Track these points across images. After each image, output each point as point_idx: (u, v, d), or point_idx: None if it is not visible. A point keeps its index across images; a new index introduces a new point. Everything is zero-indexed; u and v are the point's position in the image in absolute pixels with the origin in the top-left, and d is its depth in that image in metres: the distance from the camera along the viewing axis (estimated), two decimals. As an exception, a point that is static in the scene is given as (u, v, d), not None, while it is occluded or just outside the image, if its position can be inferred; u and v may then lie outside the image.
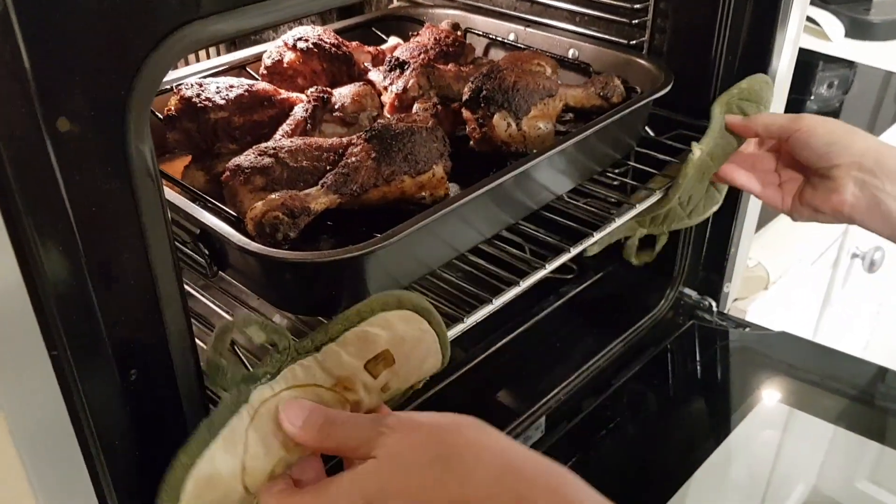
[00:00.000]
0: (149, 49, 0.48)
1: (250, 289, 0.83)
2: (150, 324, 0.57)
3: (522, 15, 1.25)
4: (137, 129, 0.50)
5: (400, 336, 0.68)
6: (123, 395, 0.57)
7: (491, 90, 0.93)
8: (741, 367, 1.17)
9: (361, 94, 0.97)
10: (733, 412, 1.08)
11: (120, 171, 0.50)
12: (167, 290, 0.57)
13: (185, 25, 0.49)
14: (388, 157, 0.84)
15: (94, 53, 0.46)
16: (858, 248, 1.70)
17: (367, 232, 0.86)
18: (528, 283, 0.84)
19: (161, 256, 0.55)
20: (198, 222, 0.77)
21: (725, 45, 1.05)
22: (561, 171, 0.93)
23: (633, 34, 1.15)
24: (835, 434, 1.08)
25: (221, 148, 0.92)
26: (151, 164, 0.52)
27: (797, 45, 1.07)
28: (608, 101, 1.04)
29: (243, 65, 1.12)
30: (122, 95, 0.48)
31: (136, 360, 0.57)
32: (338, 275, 0.74)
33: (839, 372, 1.14)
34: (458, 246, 0.86)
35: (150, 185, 0.52)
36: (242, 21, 0.52)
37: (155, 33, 0.49)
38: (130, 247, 0.53)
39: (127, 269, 0.53)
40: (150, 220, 0.53)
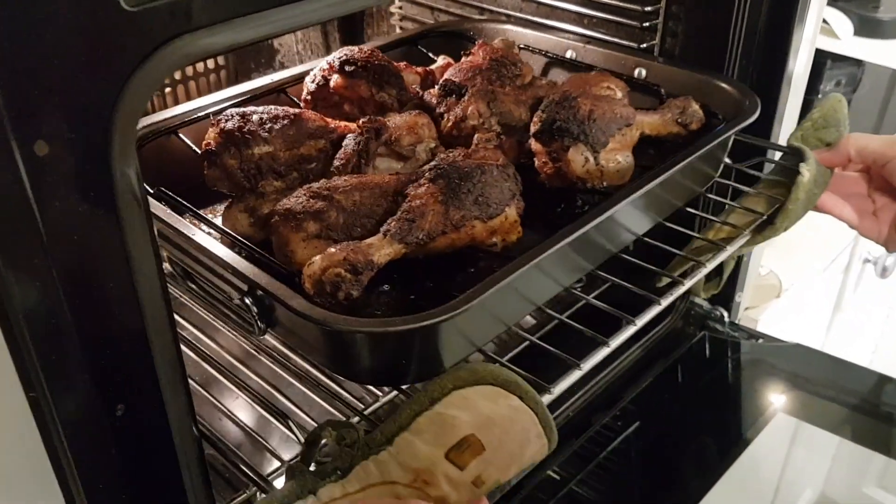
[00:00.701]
0: (135, 65, 0.45)
1: (304, 352, 0.74)
2: (138, 357, 0.53)
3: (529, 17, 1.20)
4: (122, 150, 0.46)
5: (486, 417, 0.59)
6: (109, 432, 0.53)
7: (565, 120, 0.83)
8: (754, 380, 1.14)
9: (418, 125, 0.87)
10: (747, 428, 1.05)
11: (103, 197, 0.47)
12: (156, 321, 0.53)
13: (174, 39, 0.46)
14: (456, 200, 0.75)
15: (75, 70, 0.43)
16: (871, 253, 1.67)
17: (422, 279, 0.76)
18: (617, 341, 0.75)
19: (149, 286, 0.51)
20: (246, 279, 0.68)
21: (741, 47, 1.00)
22: (646, 209, 0.83)
23: (644, 37, 1.10)
24: (843, 445, 1.06)
25: (266, 186, 0.82)
26: (138, 187, 0.48)
27: (814, 44, 1.02)
28: (686, 128, 0.94)
29: (282, 88, 1.02)
30: (106, 115, 0.45)
31: (123, 394, 0.53)
32: (409, 342, 0.65)
33: (852, 385, 1.12)
34: (535, 299, 0.76)
35: (137, 211, 0.49)
36: (234, 34, 0.49)
37: (141, 48, 0.45)
38: (115, 277, 0.49)
39: (111, 300, 0.50)
40: (136, 247, 0.50)
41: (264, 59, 1.41)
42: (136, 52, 0.45)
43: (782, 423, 1.06)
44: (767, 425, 1.05)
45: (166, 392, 0.56)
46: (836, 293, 1.69)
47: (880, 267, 1.67)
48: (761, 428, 1.04)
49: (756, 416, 1.06)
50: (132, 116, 0.46)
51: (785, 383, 1.12)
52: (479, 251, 0.79)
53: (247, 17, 0.49)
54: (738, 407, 1.11)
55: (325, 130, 0.86)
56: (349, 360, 0.67)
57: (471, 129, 0.91)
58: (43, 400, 0.49)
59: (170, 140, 0.92)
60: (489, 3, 1.26)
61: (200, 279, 0.76)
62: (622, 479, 1.00)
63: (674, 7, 1.05)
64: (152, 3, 0.44)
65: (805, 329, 1.57)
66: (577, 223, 0.73)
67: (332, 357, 0.68)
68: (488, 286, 0.65)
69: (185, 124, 0.93)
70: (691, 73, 1.01)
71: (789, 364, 1.14)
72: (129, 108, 0.46)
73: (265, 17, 0.50)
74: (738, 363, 1.17)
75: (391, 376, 0.69)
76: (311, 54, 1.48)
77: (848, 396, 1.10)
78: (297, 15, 0.52)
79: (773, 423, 1.05)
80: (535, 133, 0.85)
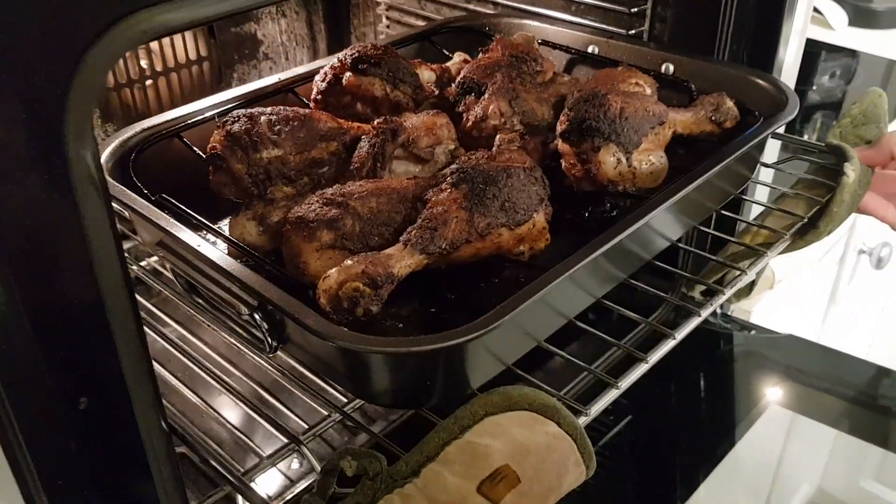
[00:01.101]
0: (89, 42, 0.43)
1: (319, 370, 0.68)
2: (100, 348, 0.51)
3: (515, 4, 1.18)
4: (78, 131, 0.44)
5: (521, 445, 0.54)
6: (71, 426, 0.51)
7: (595, 119, 0.78)
8: (747, 372, 1.13)
9: (437, 125, 0.82)
10: (740, 420, 1.05)
11: (58, 181, 0.44)
12: (118, 310, 0.50)
13: (130, 15, 0.44)
14: (481, 206, 0.69)
15: (26, 48, 0.41)
16: (866, 244, 1.66)
17: (444, 290, 0.71)
18: (656, 357, 0.69)
19: (110, 274, 0.49)
20: (257, 294, 0.62)
21: (730, 34, 0.98)
22: (681, 214, 0.78)
23: (633, 23, 1.08)
24: (839, 438, 1.05)
25: (275, 192, 0.77)
26: (95, 171, 0.46)
27: (805, 34, 1.00)
28: (720, 127, 0.89)
29: (290, 87, 0.97)
30: (60, 94, 0.42)
31: (86, 387, 0.51)
32: (436, 362, 0.60)
33: (848, 377, 1.11)
34: (567, 312, 0.71)
35: (95, 196, 0.46)
36: (195, 10, 0.47)
37: (96, 24, 0.43)
38: (73, 265, 0.47)
39: (70, 289, 0.48)
40: (96, 234, 0.47)
41: (248, 49, 1.37)
42: (90, 29, 0.43)
43: (776, 415, 1.06)
44: (760, 417, 1.04)
45: (131, 384, 0.54)
46: (831, 285, 1.68)
47: (875, 258, 1.67)
48: (754, 420, 1.04)
49: (749, 408, 1.06)
50: (88, 96, 0.44)
51: (778, 375, 1.11)
52: (504, 259, 0.73)
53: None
54: (731, 399, 1.10)
55: (337, 132, 0.81)
56: (368, 382, 0.62)
57: (492, 129, 0.86)
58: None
59: (172, 143, 0.87)
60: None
61: (207, 293, 0.71)
62: (615, 473, 0.98)
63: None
64: None
65: (800, 321, 1.57)
66: (611, 231, 0.67)
67: (350, 378, 0.63)
68: (520, 301, 0.60)
69: (187, 127, 0.87)
70: (722, 69, 0.95)
71: (782, 356, 1.14)
72: (85, 88, 0.43)
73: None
74: (731, 355, 1.16)
75: (414, 398, 0.63)
76: (295, 45, 1.44)
77: (843, 388, 1.10)
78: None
79: (767, 416, 1.05)
80: (562, 133, 0.80)
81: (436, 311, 0.71)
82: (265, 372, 0.94)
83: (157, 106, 1.25)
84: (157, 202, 0.75)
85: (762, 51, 0.98)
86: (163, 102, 1.25)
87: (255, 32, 1.35)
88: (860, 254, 1.67)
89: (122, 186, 0.75)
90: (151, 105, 1.24)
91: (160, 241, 0.72)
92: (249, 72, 1.38)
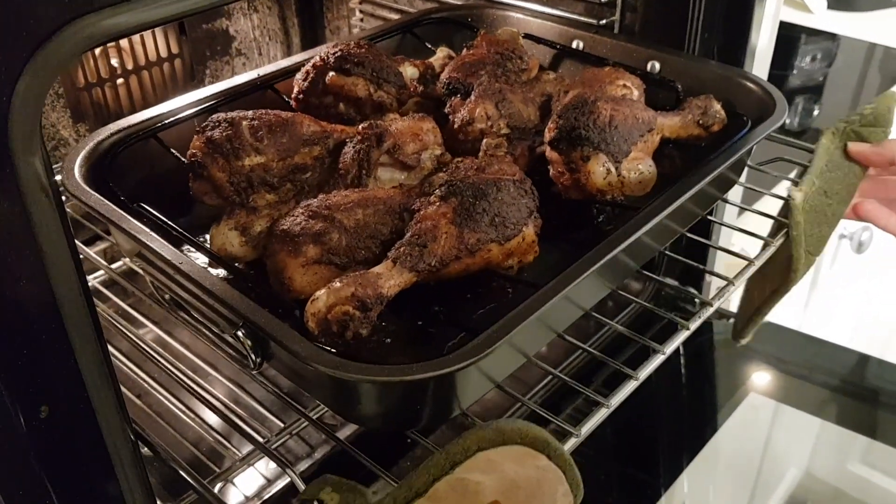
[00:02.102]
0: (33, 48, 0.42)
1: (304, 389, 0.67)
2: (58, 355, 0.51)
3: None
4: (25, 140, 0.44)
5: (511, 480, 0.53)
6: (30, 434, 0.51)
7: (584, 128, 0.77)
8: (726, 360, 1.15)
9: (422, 130, 0.80)
10: (721, 407, 1.06)
11: (7, 190, 0.44)
12: (74, 317, 0.50)
13: (75, 20, 0.43)
14: (471, 222, 0.68)
15: None
16: (846, 228, 1.65)
17: (430, 302, 0.70)
18: (646, 372, 0.69)
19: (65, 281, 0.49)
20: (242, 316, 0.61)
21: (701, 21, 0.98)
22: (671, 223, 0.77)
23: (603, 13, 1.07)
24: (823, 426, 1.07)
25: (257, 200, 0.75)
26: (46, 178, 0.46)
27: (777, 18, 1.00)
28: (707, 130, 0.88)
29: (269, 83, 0.94)
30: (5, 102, 0.42)
31: (46, 395, 0.51)
32: (426, 388, 0.59)
33: (826, 362, 1.13)
34: (557, 327, 0.70)
35: (47, 203, 0.46)
36: (142, 13, 0.46)
37: (39, 30, 0.42)
38: (27, 273, 0.47)
39: (24, 298, 0.48)
40: (48, 241, 0.47)
41: (220, 46, 1.35)
42: (33, 35, 0.42)
43: (756, 402, 1.07)
44: (740, 405, 1.06)
45: (92, 391, 0.54)
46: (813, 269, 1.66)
47: (856, 242, 1.67)
48: (734, 408, 1.05)
49: (728, 396, 1.07)
50: (33, 104, 0.43)
51: (756, 363, 1.13)
52: (492, 272, 0.72)
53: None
54: (711, 387, 1.11)
55: (320, 136, 0.79)
56: (357, 407, 0.61)
57: (478, 133, 0.84)
58: None
59: (149, 145, 0.84)
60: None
61: (189, 307, 0.69)
62: (596, 462, 0.99)
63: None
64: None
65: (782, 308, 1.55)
66: (603, 246, 0.66)
67: (338, 402, 0.62)
68: (513, 324, 0.59)
69: (164, 127, 0.85)
70: (709, 69, 0.94)
71: (761, 344, 1.14)
72: (30, 94, 0.43)
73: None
74: (710, 343, 1.17)
75: (403, 422, 0.63)
76: (268, 40, 1.42)
77: (825, 376, 1.11)
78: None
79: (746, 403, 1.07)
80: (551, 141, 0.78)
81: (423, 324, 0.69)
82: (241, 373, 0.94)
83: (130, 104, 1.22)
84: (136, 211, 0.73)
85: (734, 36, 0.98)
86: (135, 101, 1.23)
87: (227, 28, 1.33)
88: (841, 238, 1.67)
89: (97, 195, 0.73)
90: (124, 104, 1.21)
91: (139, 253, 0.70)
92: (222, 68, 1.35)
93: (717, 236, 1.08)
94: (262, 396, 0.94)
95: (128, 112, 1.20)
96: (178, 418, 0.93)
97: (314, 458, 0.93)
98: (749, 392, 1.09)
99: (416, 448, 0.93)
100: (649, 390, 1.06)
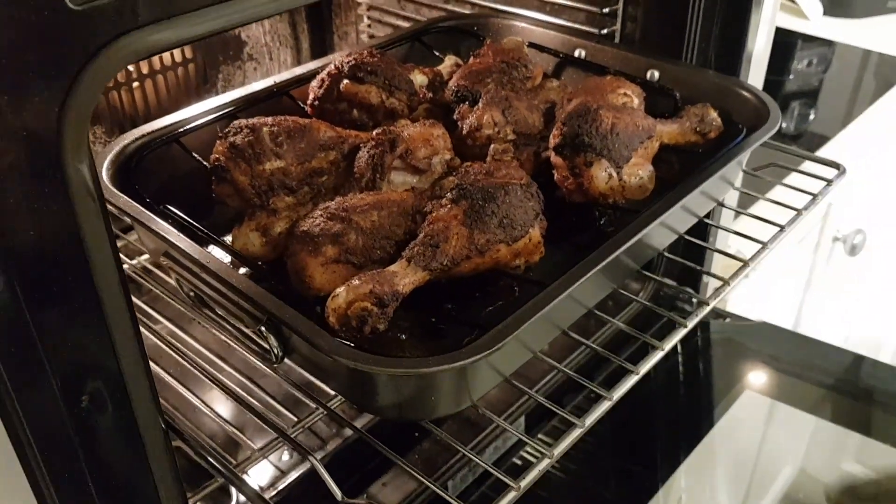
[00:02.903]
0: (83, 63, 0.45)
1: (322, 380, 0.71)
2: (99, 348, 0.54)
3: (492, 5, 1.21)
4: (74, 147, 0.46)
5: None
6: (72, 422, 0.54)
7: (587, 135, 0.81)
8: (723, 358, 1.18)
9: (433, 136, 0.84)
10: (717, 404, 1.09)
11: (58, 193, 0.47)
12: (115, 312, 0.53)
13: (121, 36, 0.46)
14: (481, 223, 0.72)
15: (24, 70, 0.43)
16: (840, 231, 1.68)
17: (442, 300, 0.74)
18: (646, 367, 0.73)
19: (107, 277, 0.52)
20: (267, 311, 0.65)
21: (699, 30, 1.02)
22: (671, 226, 0.81)
23: (604, 23, 1.12)
24: (818, 424, 1.09)
25: (277, 202, 0.79)
26: (92, 183, 0.48)
27: (773, 24, 1.03)
28: (704, 137, 0.92)
29: (285, 90, 0.98)
30: (56, 113, 0.45)
31: (86, 385, 0.54)
32: (442, 380, 0.63)
33: (821, 362, 1.15)
34: (562, 324, 0.74)
35: (92, 206, 0.49)
36: (183, 30, 0.49)
37: (89, 46, 0.45)
38: (73, 270, 0.50)
39: (70, 293, 0.50)
40: (93, 241, 0.50)
41: (232, 51, 1.39)
42: (83, 51, 0.45)
43: (752, 400, 1.10)
44: (735, 402, 1.08)
45: (130, 383, 0.56)
46: (807, 272, 1.70)
47: (849, 245, 1.69)
48: (729, 405, 1.08)
49: (724, 393, 1.10)
50: (82, 114, 0.46)
51: (752, 361, 1.16)
52: (500, 271, 0.76)
53: (193, 13, 0.49)
54: (708, 385, 1.14)
55: (336, 141, 0.83)
56: (374, 397, 0.65)
57: (486, 139, 0.88)
58: (6, 394, 0.49)
59: (171, 149, 0.88)
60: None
61: (213, 303, 0.73)
62: (595, 458, 1.01)
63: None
64: (98, 2, 0.44)
65: (776, 309, 1.60)
66: (605, 247, 0.70)
67: (356, 392, 0.66)
68: (522, 320, 0.63)
69: (186, 132, 0.89)
70: (706, 77, 0.98)
71: (758, 343, 1.18)
72: (80, 105, 0.46)
73: (212, 13, 0.50)
74: (707, 342, 1.20)
75: (418, 411, 0.66)
76: (279, 45, 1.46)
77: (819, 375, 1.14)
78: (245, 9, 0.52)
79: (742, 400, 1.09)
80: (556, 147, 0.82)
81: (436, 320, 0.73)
82: (254, 367, 0.97)
83: (145, 107, 1.26)
84: (161, 213, 0.77)
85: (731, 44, 1.01)
86: (150, 104, 1.26)
87: (239, 34, 1.37)
88: (834, 241, 1.69)
89: (125, 197, 0.77)
90: (139, 107, 1.25)
91: (166, 252, 0.73)
92: (234, 73, 1.39)
93: (714, 238, 1.11)
94: (275, 391, 0.97)
95: (142, 115, 1.24)
96: (193, 412, 0.97)
97: (326, 451, 0.97)
98: (745, 389, 1.11)
99: (425, 441, 0.97)
100: (648, 388, 1.11)
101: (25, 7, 0.41)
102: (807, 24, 2.04)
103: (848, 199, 1.66)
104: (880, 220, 1.87)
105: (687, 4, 1.00)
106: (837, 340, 1.22)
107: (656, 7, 1.06)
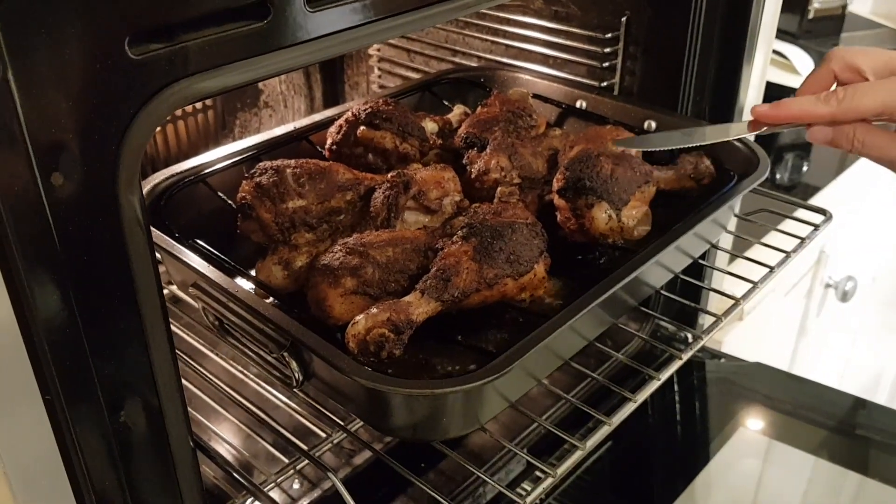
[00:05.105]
0: (139, 106, 0.50)
1: (340, 403, 0.76)
2: (139, 367, 0.58)
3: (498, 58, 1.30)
4: (127, 181, 0.51)
5: None
6: (113, 436, 0.58)
7: (589, 179, 0.86)
8: (719, 397, 1.22)
9: (444, 179, 0.90)
10: (712, 441, 1.12)
11: (110, 222, 0.51)
12: (156, 334, 0.57)
13: (173, 83, 0.51)
14: (489, 259, 0.77)
15: (87, 112, 0.48)
16: (831, 278, 1.73)
17: (451, 331, 0.78)
18: (643, 395, 0.77)
19: (149, 301, 0.56)
20: (292, 336, 0.70)
21: (693, 84, 1.09)
22: (666, 265, 0.86)
23: (605, 76, 1.19)
24: (816, 464, 1.11)
25: (298, 238, 0.84)
26: (141, 214, 0.53)
27: (764, 79, 1.09)
28: (699, 183, 0.98)
29: (304, 135, 1.04)
30: (113, 150, 0.50)
31: (124, 402, 0.58)
32: (454, 402, 0.67)
33: (815, 402, 1.19)
34: (564, 354, 0.79)
35: (140, 235, 0.53)
36: (226, 79, 0.54)
37: (144, 91, 0.50)
38: (120, 293, 0.54)
39: (116, 314, 0.55)
40: (139, 267, 0.54)
41: (249, 98, 1.46)
42: (140, 95, 0.50)
43: (747, 438, 1.13)
44: (729, 441, 1.11)
45: (165, 401, 0.60)
46: (800, 318, 1.74)
47: (840, 291, 1.74)
48: (724, 442, 1.11)
49: (718, 430, 1.14)
50: (136, 152, 0.51)
51: (747, 401, 1.19)
52: (506, 304, 0.81)
53: (237, 63, 0.54)
54: (703, 423, 1.17)
55: (353, 182, 0.89)
56: (390, 417, 0.70)
57: (493, 182, 0.94)
58: (57, 403, 0.53)
59: (197, 188, 0.94)
60: (462, 47, 1.31)
61: (238, 331, 0.78)
62: (593, 494, 1.04)
63: (631, 48, 1.14)
64: (154, 52, 0.49)
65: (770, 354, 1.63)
66: (604, 284, 0.75)
67: (373, 413, 0.70)
68: (526, 348, 0.68)
69: (212, 173, 0.95)
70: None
71: (754, 383, 1.22)
72: (134, 145, 0.50)
73: (253, 64, 0.55)
74: (703, 381, 1.24)
75: (430, 432, 0.71)
76: (294, 94, 1.53)
77: (811, 413, 1.17)
78: (282, 61, 0.57)
79: (736, 438, 1.12)
80: (559, 189, 0.88)
81: (446, 347, 0.78)
82: (266, 399, 1.01)
83: (166, 151, 1.32)
84: (190, 246, 0.82)
85: (724, 97, 1.07)
86: (171, 148, 1.33)
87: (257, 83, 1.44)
88: (826, 287, 1.74)
89: (157, 231, 0.82)
90: (160, 150, 1.31)
91: (195, 283, 0.79)
92: (251, 119, 1.46)
93: (710, 280, 1.16)
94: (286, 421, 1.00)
95: (163, 159, 1.30)
96: (210, 440, 1.01)
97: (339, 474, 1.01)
98: (739, 427, 1.14)
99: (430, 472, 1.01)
100: (644, 424, 1.14)
101: (93, 57, 0.47)
102: (798, 78, 2.10)
103: (839, 247, 1.72)
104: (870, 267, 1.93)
105: (682, 60, 1.07)
106: (831, 383, 1.25)
107: (653, 62, 1.13)
